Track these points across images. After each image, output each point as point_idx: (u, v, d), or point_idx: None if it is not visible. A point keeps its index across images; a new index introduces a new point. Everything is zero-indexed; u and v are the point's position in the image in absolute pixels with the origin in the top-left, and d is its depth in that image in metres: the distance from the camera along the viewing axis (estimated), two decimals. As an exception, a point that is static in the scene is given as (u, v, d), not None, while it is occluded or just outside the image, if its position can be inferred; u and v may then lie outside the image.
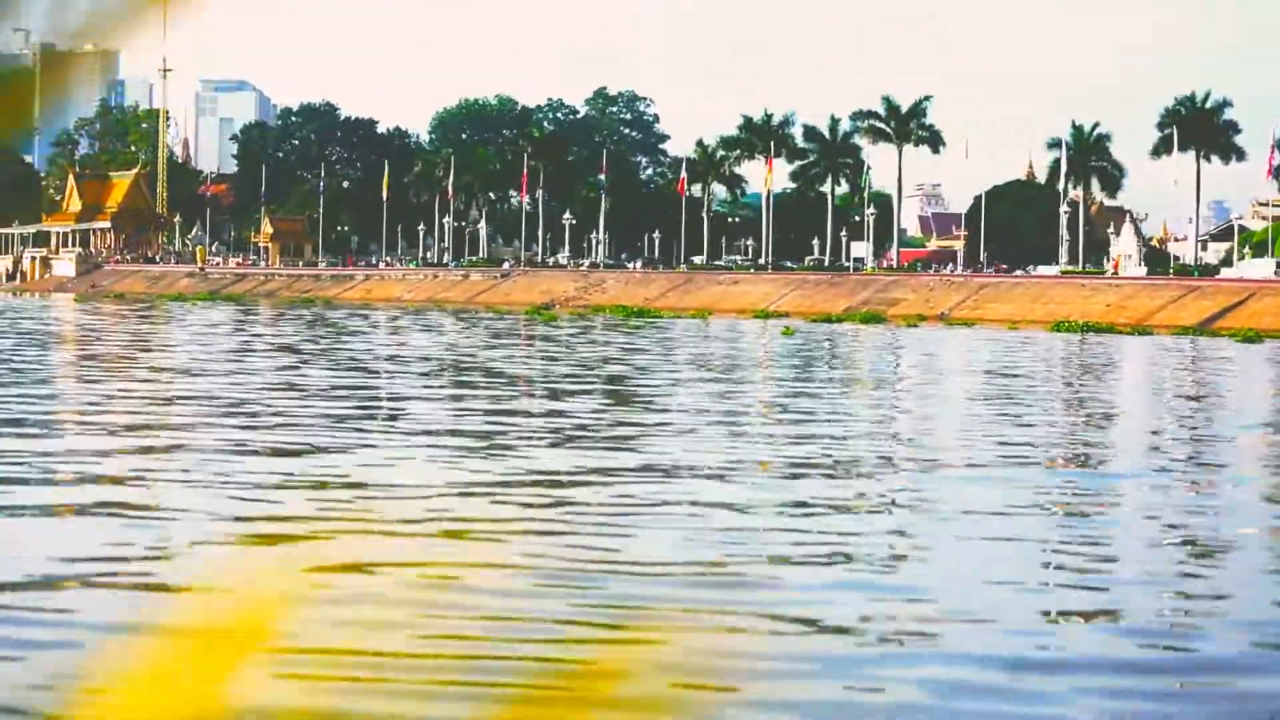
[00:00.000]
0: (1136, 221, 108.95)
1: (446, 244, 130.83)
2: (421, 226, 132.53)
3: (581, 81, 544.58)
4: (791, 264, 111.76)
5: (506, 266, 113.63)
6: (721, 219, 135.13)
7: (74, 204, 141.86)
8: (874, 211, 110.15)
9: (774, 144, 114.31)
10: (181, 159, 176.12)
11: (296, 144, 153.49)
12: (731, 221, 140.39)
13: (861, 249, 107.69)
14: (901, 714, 7.10)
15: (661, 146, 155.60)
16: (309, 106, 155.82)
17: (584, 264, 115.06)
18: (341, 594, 9.13)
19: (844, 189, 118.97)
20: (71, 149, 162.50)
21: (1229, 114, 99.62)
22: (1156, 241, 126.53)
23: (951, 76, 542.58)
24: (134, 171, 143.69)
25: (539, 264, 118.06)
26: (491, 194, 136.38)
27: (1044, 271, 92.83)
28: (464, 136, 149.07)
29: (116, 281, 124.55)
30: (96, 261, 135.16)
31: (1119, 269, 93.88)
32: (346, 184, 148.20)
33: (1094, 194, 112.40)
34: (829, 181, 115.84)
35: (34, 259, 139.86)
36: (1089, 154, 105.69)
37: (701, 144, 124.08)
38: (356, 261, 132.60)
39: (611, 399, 25.18)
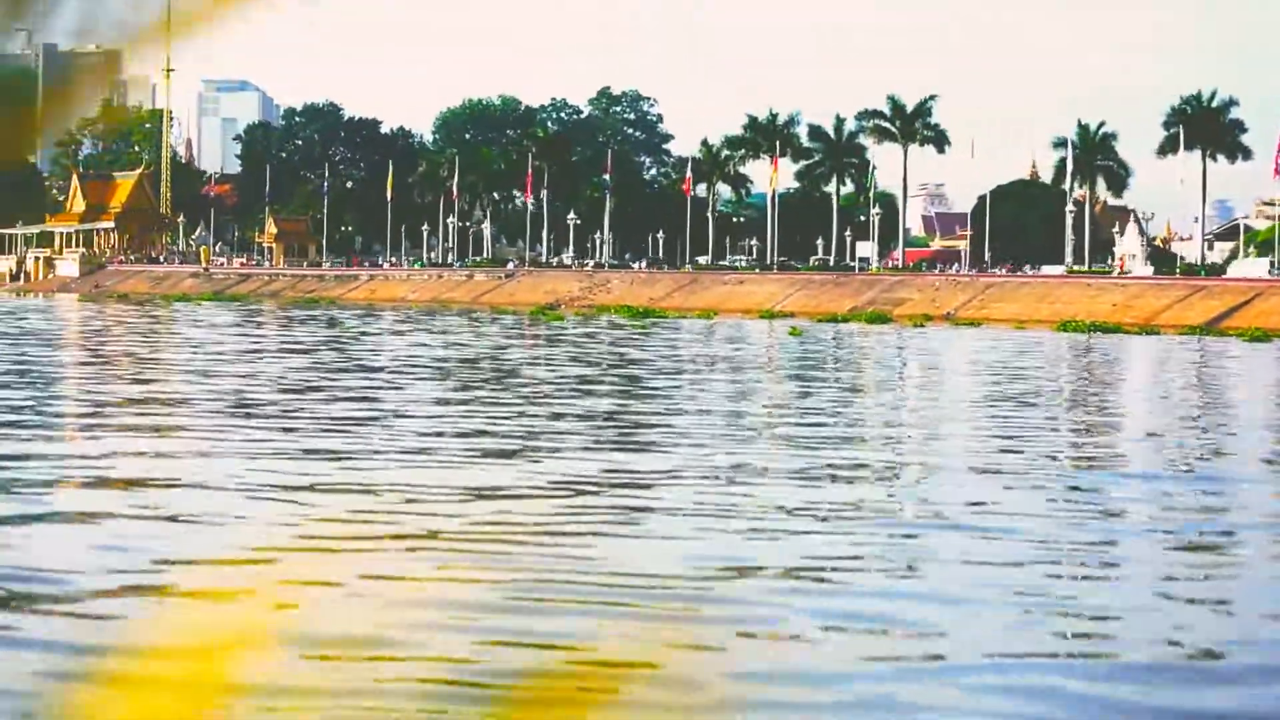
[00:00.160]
0: (1141, 221, 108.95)
1: (450, 244, 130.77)
2: (425, 227, 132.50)
3: (585, 81, 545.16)
4: (796, 264, 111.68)
5: (511, 267, 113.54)
6: (726, 219, 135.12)
7: (78, 204, 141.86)
8: (879, 211, 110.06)
9: (779, 143, 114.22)
10: (184, 159, 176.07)
11: (300, 144, 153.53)
12: (736, 221, 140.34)
13: (866, 249, 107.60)
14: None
15: (665, 146, 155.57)
16: (312, 106, 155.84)
17: (588, 264, 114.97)
18: (368, 600, 9.08)
19: (849, 189, 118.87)
20: (75, 149, 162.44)
21: (1235, 113, 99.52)
22: (1160, 241, 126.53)
23: (955, 76, 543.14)
24: (138, 172, 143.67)
25: (543, 264, 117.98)
26: (495, 194, 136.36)
27: (1049, 271, 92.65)
28: (468, 136, 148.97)
29: (120, 282, 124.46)
30: (100, 262, 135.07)
31: (1124, 268, 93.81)
32: (350, 184, 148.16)
33: (1099, 193, 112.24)
34: (834, 181, 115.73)
35: (38, 259, 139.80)
36: (1095, 153, 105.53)
37: (706, 144, 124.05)
38: (361, 262, 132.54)
39: (631, 399, 25.11)
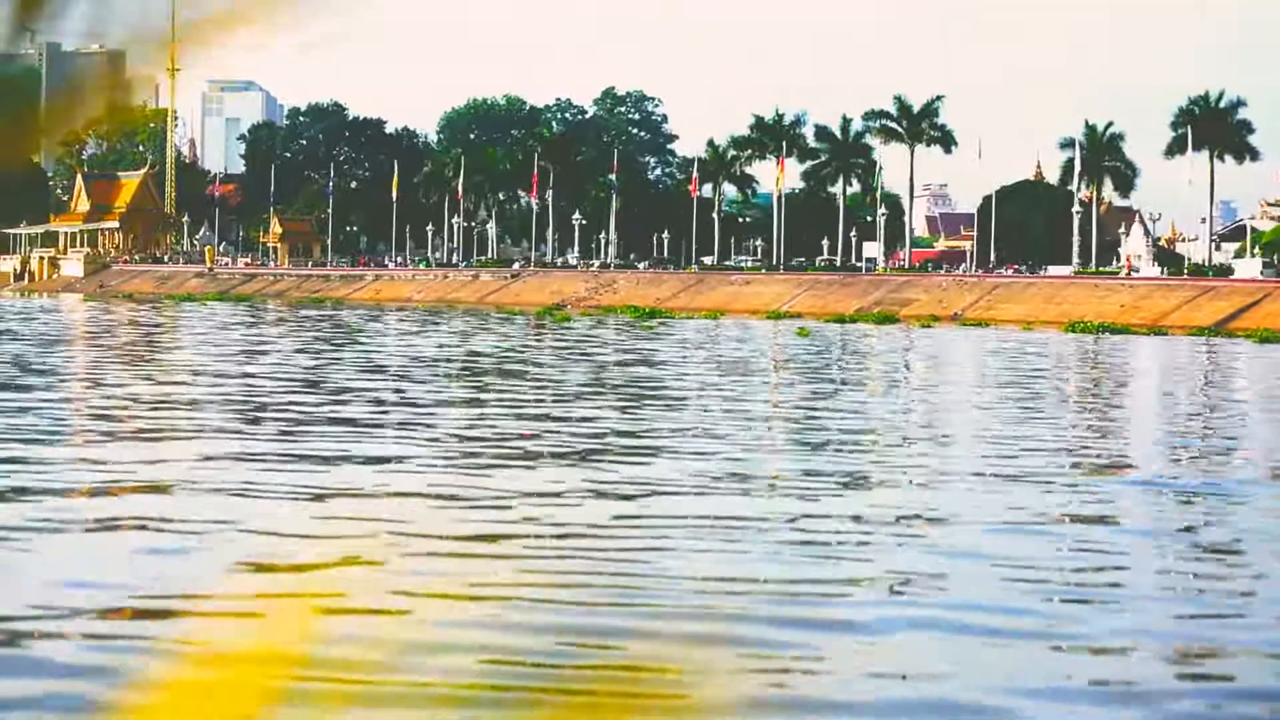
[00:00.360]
0: (1147, 222, 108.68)
1: (456, 244, 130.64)
2: (430, 227, 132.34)
3: (590, 81, 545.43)
4: (802, 264, 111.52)
5: (516, 267, 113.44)
6: (732, 219, 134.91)
7: (82, 204, 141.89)
8: (885, 212, 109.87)
9: (785, 144, 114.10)
10: (189, 159, 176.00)
11: (304, 144, 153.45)
12: (742, 221, 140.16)
13: (873, 249, 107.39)
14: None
15: (670, 147, 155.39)
16: (317, 106, 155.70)
17: (594, 264, 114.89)
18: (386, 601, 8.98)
19: (855, 189, 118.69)
20: (79, 149, 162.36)
21: (1243, 113, 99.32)
22: (1165, 241, 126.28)
23: (962, 76, 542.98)
24: (142, 172, 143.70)
25: (548, 264, 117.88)
26: (500, 194, 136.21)
27: (1055, 271, 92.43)
28: (472, 137, 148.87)
29: (125, 282, 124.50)
30: (105, 262, 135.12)
31: (1131, 269, 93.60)
32: (355, 184, 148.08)
33: (1105, 194, 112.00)
34: (840, 181, 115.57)
35: (42, 259, 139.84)
36: (1102, 154, 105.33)
37: (712, 144, 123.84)
38: (366, 262, 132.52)
39: (643, 404, 25.01)
